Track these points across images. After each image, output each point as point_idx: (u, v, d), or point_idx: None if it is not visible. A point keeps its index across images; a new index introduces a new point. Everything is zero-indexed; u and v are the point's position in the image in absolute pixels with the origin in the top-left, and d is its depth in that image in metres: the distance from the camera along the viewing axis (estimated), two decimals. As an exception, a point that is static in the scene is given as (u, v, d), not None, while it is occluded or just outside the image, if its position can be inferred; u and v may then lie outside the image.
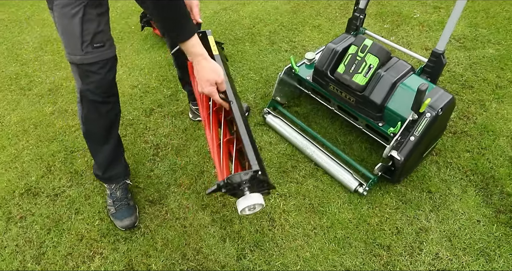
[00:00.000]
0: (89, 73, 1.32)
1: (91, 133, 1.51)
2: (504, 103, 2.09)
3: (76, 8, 1.21)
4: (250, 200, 1.00)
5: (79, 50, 1.26)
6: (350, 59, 1.64)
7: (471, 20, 2.76)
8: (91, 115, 1.44)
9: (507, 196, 1.65)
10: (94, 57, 1.29)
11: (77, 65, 1.30)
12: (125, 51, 2.55)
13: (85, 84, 1.34)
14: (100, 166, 1.58)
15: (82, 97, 1.38)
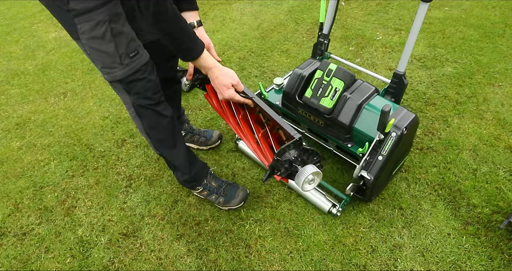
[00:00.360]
0: (134, 83, 1.32)
1: (162, 140, 1.52)
2: (465, 118, 2.20)
3: (102, 27, 1.21)
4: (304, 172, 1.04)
5: (119, 65, 1.27)
6: (316, 83, 1.70)
7: (430, 40, 2.92)
8: (153, 121, 1.44)
9: (473, 207, 1.72)
10: (134, 66, 1.29)
11: (121, 81, 1.30)
12: (95, 82, 2.54)
13: (134, 94, 1.35)
14: (185, 169, 1.60)
15: (137, 108, 1.38)
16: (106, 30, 1.21)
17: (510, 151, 1.99)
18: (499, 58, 2.70)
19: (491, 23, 3.12)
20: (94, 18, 1.19)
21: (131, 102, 1.37)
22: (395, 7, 3.40)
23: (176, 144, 1.56)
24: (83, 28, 1.20)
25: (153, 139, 1.49)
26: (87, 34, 1.21)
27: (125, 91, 1.35)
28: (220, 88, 1.33)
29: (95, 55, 1.26)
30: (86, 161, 1.98)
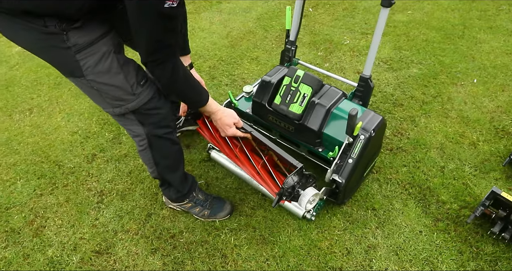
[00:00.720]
0: (149, 112, 1.29)
1: (169, 166, 1.50)
2: (431, 117, 2.27)
3: (107, 60, 1.16)
4: (307, 195, 1.29)
5: (131, 96, 1.22)
6: (285, 90, 1.72)
7: (395, 43, 3.01)
8: (165, 151, 1.43)
9: (442, 204, 1.77)
10: (147, 94, 1.26)
11: (134, 112, 1.27)
12: (63, 97, 2.48)
13: (149, 124, 1.31)
14: (178, 186, 1.59)
15: (152, 139, 1.35)
16: (112, 61, 1.16)
17: (474, 147, 2.06)
18: (460, 59, 2.81)
19: (451, 25, 3.25)
20: (98, 50, 1.14)
21: (145, 133, 1.33)
22: (361, 12, 3.49)
23: (180, 166, 1.56)
24: (87, 63, 1.13)
25: (161, 166, 1.46)
26: (93, 69, 1.14)
27: (138, 123, 1.30)
28: (223, 127, 1.44)
29: (104, 90, 1.19)
30: (55, 178, 1.92)
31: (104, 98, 1.23)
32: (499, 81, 2.56)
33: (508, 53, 2.85)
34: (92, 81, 1.17)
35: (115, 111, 1.26)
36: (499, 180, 1.88)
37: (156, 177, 1.53)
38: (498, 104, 2.36)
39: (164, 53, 1.15)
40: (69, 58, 1.11)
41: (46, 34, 1.07)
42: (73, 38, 1.09)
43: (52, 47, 1.10)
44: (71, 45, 1.10)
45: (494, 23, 3.25)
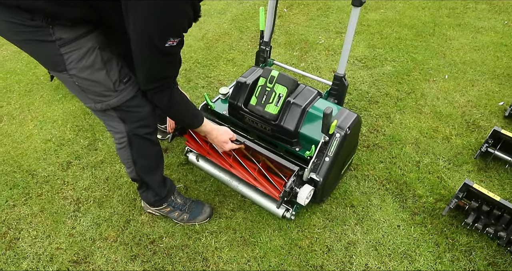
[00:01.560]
0: (131, 109, 1.29)
1: (147, 166, 1.49)
2: (406, 113, 2.32)
3: (92, 55, 1.17)
4: (304, 192, 1.50)
5: (113, 92, 1.23)
6: (260, 90, 1.72)
7: (369, 41, 3.07)
8: (144, 150, 1.42)
9: (418, 198, 1.81)
10: (130, 91, 1.26)
11: (115, 109, 1.26)
12: (34, 104, 2.41)
13: (130, 122, 1.31)
14: (158, 189, 1.59)
15: (132, 138, 1.34)
16: (96, 57, 1.17)
17: (448, 141, 2.12)
18: (431, 55, 2.88)
19: (422, 23, 3.33)
20: (83, 46, 1.15)
21: (125, 131, 1.32)
22: (335, 11, 3.53)
23: (159, 168, 1.55)
24: (71, 57, 1.14)
25: (139, 165, 1.45)
26: (76, 64, 1.15)
27: (119, 120, 1.30)
28: (220, 145, 1.55)
29: (85, 85, 1.20)
30: (28, 188, 1.86)
31: (86, 94, 1.24)
32: (468, 77, 2.64)
33: (476, 49, 2.95)
34: (74, 76, 1.17)
35: (96, 106, 1.27)
36: (472, 172, 1.93)
37: (134, 177, 1.51)
38: (468, 99, 2.44)
39: (163, 83, 1.23)
40: (53, 52, 1.12)
41: (32, 27, 1.07)
42: (58, 32, 1.10)
43: (36, 41, 1.11)
44: (55, 39, 1.10)
45: (462, 20, 3.36)
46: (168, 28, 1.08)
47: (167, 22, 1.06)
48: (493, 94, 2.47)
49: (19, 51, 2.98)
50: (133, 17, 1.05)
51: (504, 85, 2.55)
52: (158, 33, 1.07)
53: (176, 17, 1.07)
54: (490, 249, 1.59)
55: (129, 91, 1.27)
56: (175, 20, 1.07)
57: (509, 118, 2.25)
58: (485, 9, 3.54)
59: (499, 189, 1.85)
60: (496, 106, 2.37)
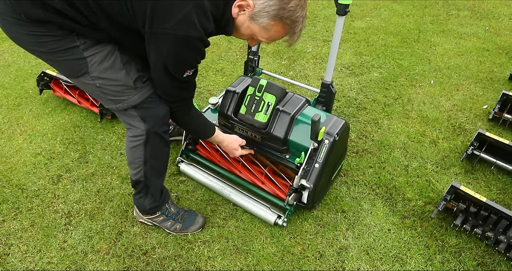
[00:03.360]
0: (151, 106, 1.35)
1: (156, 168, 1.52)
2: (393, 119, 2.36)
3: (112, 56, 1.25)
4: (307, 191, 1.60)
5: (133, 90, 1.30)
6: (249, 99, 1.75)
7: (356, 49, 3.13)
8: (158, 150, 1.45)
9: (408, 201, 1.83)
10: (149, 89, 1.33)
11: (136, 107, 1.32)
12: (23, 118, 2.40)
13: (151, 121, 1.36)
14: (157, 196, 1.60)
15: (150, 136, 1.38)
16: (116, 58, 1.26)
17: (435, 145, 2.16)
18: (417, 61, 2.95)
19: (407, 30, 3.41)
20: (104, 48, 1.24)
21: (145, 129, 1.37)
22: (322, 20, 3.60)
23: (164, 172, 1.59)
24: (93, 60, 1.23)
25: (148, 166, 1.47)
26: (98, 66, 1.24)
27: (140, 119, 1.36)
28: (232, 152, 1.71)
29: (106, 85, 1.28)
30: (18, 202, 1.85)
31: (106, 95, 1.30)
32: (453, 81, 2.70)
33: (460, 54, 3.02)
34: (96, 78, 1.26)
35: (118, 107, 1.33)
36: (459, 175, 1.97)
37: (138, 179, 1.51)
38: (454, 103, 2.49)
39: (180, 103, 1.39)
40: (77, 56, 1.22)
41: (57, 36, 1.17)
42: (82, 37, 1.20)
43: (62, 49, 1.20)
44: (80, 44, 1.20)
45: (446, 27, 3.45)
46: (183, 64, 1.22)
47: (183, 60, 1.20)
48: (477, 98, 2.53)
49: (7, 65, 2.98)
50: (154, 49, 1.18)
51: (488, 89, 2.61)
52: (175, 67, 1.21)
53: (190, 54, 1.20)
54: (479, 250, 1.62)
55: (148, 88, 1.33)
56: (189, 57, 1.21)
57: (493, 121, 2.31)
58: (467, 16, 3.64)
59: (486, 190, 1.88)
60: (480, 109, 2.42)
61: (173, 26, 1.10)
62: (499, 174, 1.96)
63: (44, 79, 2.45)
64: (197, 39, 1.15)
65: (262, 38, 1.30)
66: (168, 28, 1.10)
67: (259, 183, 1.81)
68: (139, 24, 1.14)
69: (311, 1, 4.00)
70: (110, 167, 2.02)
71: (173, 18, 1.09)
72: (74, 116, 2.39)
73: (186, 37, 1.13)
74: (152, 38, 1.15)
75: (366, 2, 3.97)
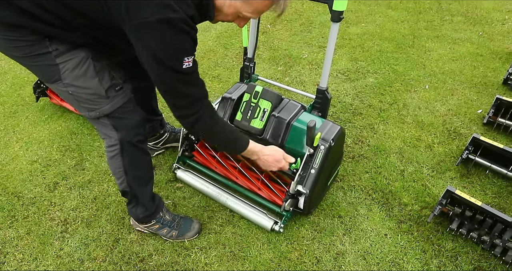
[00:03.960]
0: (123, 116, 1.33)
1: (139, 177, 1.50)
2: (389, 124, 2.38)
3: (85, 64, 1.24)
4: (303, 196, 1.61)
5: (105, 99, 1.28)
6: (245, 106, 1.76)
7: (351, 55, 3.15)
8: (136, 159, 1.43)
9: (404, 206, 1.84)
10: (122, 98, 1.31)
11: (108, 116, 1.30)
12: (20, 125, 2.41)
13: (124, 129, 1.34)
14: (148, 204, 1.58)
15: (124, 145, 1.36)
16: (89, 66, 1.25)
17: (430, 150, 2.17)
18: (412, 67, 2.97)
19: (402, 35, 3.44)
20: (77, 55, 1.23)
21: (118, 138, 1.36)
22: (317, 26, 3.63)
23: (150, 180, 1.57)
24: (66, 67, 1.22)
25: (130, 176, 1.47)
26: (70, 73, 1.22)
27: (112, 127, 1.34)
28: (273, 164, 1.55)
29: (79, 93, 1.26)
30: (14, 210, 1.84)
31: (79, 103, 1.30)
32: (448, 86, 2.73)
33: (454, 59, 3.05)
34: (69, 85, 1.25)
35: (90, 115, 1.32)
36: (455, 179, 1.98)
37: (124, 189, 1.51)
38: (449, 108, 2.51)
39: (195, 107, 1.26)
40: (50, 62, 1.21)
41: (30, 41, 1.16)
42: (55, 44, 1.19)
43: (35, 55, 1.19)
44: (52, 50, 1.19)
45: (440, 32, 3.48)
46: (175, 51, 1.12)
47: (172, 46, 1.11)
48: (471, 102, 2.55)
49: (3, 73, 2.98)
50: (140, 44, 1.10)
51: (482, 94, 2.63)
52: (168, 56, 1.11)
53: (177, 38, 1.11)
54: (475, 254, 1.62)
55: (121, 98, 1.32)
56: (178, 42, 1.11)
57: (488, 125, 2.33)
58: (460, 21, 3.68)
59: (481, 194, 1.89)
60: (475, 114, 2.44)
61: (151, 13, 1.04)
62: (494, 178, 1.97)
63: (41, 87, 2.45)
64: (179, 20, 1.07)
65: (247, 13, 1.20)
66: (147, 17, 1.04)
67: (255, 189, 1.81)
68: (119, 21, 1.10)
69: (306, 7, 4.03)
70: (106, 174, 2.02)
71: (149, 6, 1.04)
72: (71, 124, 2.39)
73: (167, 20, 1.05)
74: (134, 31, 1.09)
75: (361, 8, 4.01)
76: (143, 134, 1.43)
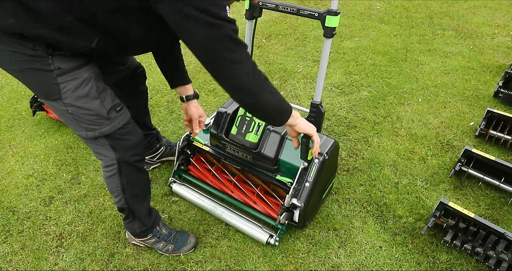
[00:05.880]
0: (122, 137, 1.32)
1: (136, 195, 1.49)
2: (383, 136, 2.41)
3: (87, 85, 1.21)
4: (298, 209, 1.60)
5: (106, 120, 1.26)
6: (240, 120, 1.78)
7: (345, 69, 3.20)
8: (133, 178, 1.43)
9: (399, 218, 1.85)
10: (122, 119, 1.31)
11: (107, 136, 1.29)
12: (16, 139, 2.41)
13: (122, 150, 1.34)
14: (145, 219, 1.59)
15: (122, 165, 1.36)
16: (91, 87, 1.22)
17: (424, 162, 2.20)
18: (405, 80, 3.02)
19: (395, 49, 3.51)
20: (80, 76, 1.20)
21: (116, 158, 1.35)
22: (312, 41, 3.70)
23: (147, 196, 1.58)
24: (67, 86, 1.18)
25: (128, 194, 1.46)
26: (71, 93, 1.19)
27: (110, 148, 1.33)
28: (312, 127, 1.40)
29: (79, 113, 1.24)
30: (8, 225, 1.84)
31: (77, 122, 1.27)
32: (440, 99, 2.77)
33: (446, 73, 3.11)
34: (69, 105, 1.21)
35: (88, 134, 1.29)
36: (448, 191, 2.00)
37: (121, 206, 1.51)
38: (441, 120, 2.55)
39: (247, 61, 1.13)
40: (50, 81, 1.17)
41: (32, 56, 1.12)
42: (57, 62, 1.15)
43: (35, 69, 1.15)
44: (54, 69, 1.15)
45: (432, 46, 3.55)
46: None
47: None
48: (464, 115, 2.60)
49: (0, 87, 3.00)
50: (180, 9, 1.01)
51: (474, 106, 2.68)
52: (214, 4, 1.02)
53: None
54: (470, 265, 1.63)
55: (121, 119, 1.31)
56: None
57: (480, 137, 2.36)
58: (452, 35, 3.76)
59: (475, 205, 1.91)
60: (467, 126, 2.48)
61: None
62: (487, 190, 1.99)
63: (37, 101, 2.47)
64: None
65: None
66: None
67: (251, 202, 1.82)
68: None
69: (301, 22, 4.11)
70: (102, 188, 2.03)
71: None
72: (67, 138, 2.40)
73: None
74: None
75: (354, 23, 4.09)
76: (141, 154, 1.43)
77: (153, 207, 1.67)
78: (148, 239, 1.65)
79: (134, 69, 1.72)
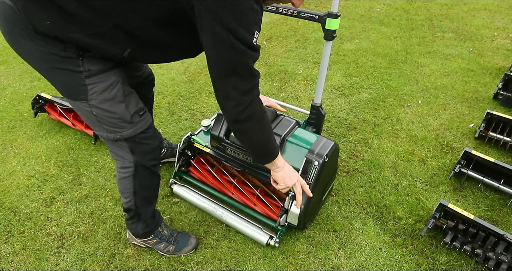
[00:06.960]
0: (143, 141, 1.33)
1: (147, 197, 1.52)
2: (383, 138, 2.41)
3: (114, 89, 1.22)
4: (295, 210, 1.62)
5: (128, 124, 1.28)
6: (241, 121, 1.79)
7: (345, 70, 3.21)
8: (146, 182, 1.44)
9: (399, 220, 1.86)
10: (144, 123, 1.32)
11: (127, 139, 1.30)
12: (17, 141, 2.42)
13: (140, 153, 1.35)
14: (149, 221, 1.60)
15: (138, 168, 1.37)
16: (118, 91, 1.24)
17: (424, 164, 2.21)
18: (405, 82, 3.03)
19: (395, 51, 3.52)
20: (107, 79, 1.21)
21: (133, 161, 1.36)
22: (312, 43, 3.71)
23: (154, 200, 1.59)
24: (94, 88, 1.19)
25: (138, 196, 1.48)
26: (98, 95, 1.20)
27: (129, 150, 1.34)
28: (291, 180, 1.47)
29: (103, 115, 1.25)
30: (10, 225, 1.85)
31: (100, 124, 1.28)
32: (440, 101, 2.78)
33: (446, 75, 3.12)
34: (94, 107, 1.22)
35: (109, 136, 1.30)
36: (448, 192, 2.01)
37: (129, 207, 1.52)
38: (441, 122, 2.55)
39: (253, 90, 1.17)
40: (78, 81, 1.18)
41: (63, 57, 1.13)
42: (87, 64, 1.16)
43: (64, 70, 1.16)
44: (83, 70, 1.16)
45: (432, 48, 3.56)
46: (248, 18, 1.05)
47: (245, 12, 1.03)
48: (463, 117, 2.60)
49: (2, 88, 3.02)
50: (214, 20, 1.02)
51: (473, 108, 2.69)
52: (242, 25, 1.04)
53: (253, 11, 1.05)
54: (469, 267, 1.64)
55: (143, 123, 1.33)
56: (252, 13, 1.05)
57: (480, 139, 2.37)
58: (451, 38, 3.77)
59: (474, 207, 1.92)
60: (467, 128, 2.49)
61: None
62: (487, 191, 2.00)
63: (39, 102, 2.48)
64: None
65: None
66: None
67: (251, 204, 1.83)
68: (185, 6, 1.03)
69: (301, 24, 4.13)
70: (103, 188, 2.04)
71: None
72: (68, 139, 2.42)
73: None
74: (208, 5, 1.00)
75: (354, 25, 4.10)
76: (157, 158, 1.45)
77: (156, 209, 1.68)
78: (150, 240, 1.65)
79: (146, 76, 1.73)
